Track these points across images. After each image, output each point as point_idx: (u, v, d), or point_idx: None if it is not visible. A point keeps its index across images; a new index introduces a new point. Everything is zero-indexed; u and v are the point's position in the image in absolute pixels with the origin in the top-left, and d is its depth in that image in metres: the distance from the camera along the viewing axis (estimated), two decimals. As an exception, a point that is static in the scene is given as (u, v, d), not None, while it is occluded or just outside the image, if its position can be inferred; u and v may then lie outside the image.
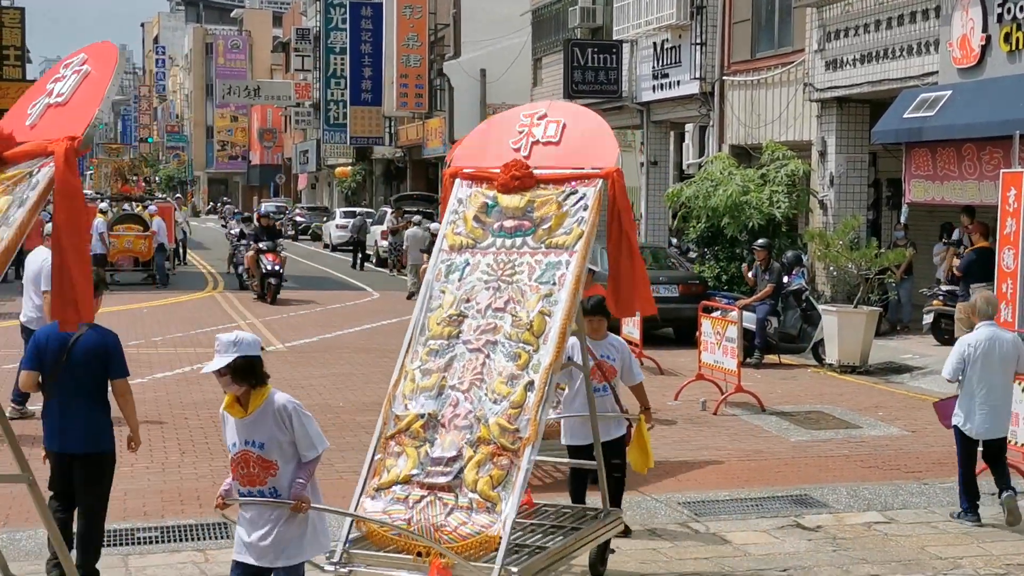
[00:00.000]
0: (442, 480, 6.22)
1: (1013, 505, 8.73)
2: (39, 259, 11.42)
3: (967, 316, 15.06)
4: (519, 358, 6.49)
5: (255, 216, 30.88)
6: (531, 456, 6.17)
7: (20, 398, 11.85)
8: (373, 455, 6.50)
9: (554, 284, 6.66)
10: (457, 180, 7.31)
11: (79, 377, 7.03)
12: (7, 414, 10.62)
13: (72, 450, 7.05)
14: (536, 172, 7.03)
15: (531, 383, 6.39)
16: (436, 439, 6.38)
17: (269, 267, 24.48)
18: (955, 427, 8.91)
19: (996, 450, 8.88)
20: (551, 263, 6.75)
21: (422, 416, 6.46)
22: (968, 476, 8.90)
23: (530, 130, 7.28)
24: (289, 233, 55.50)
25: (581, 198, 6.90)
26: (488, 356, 6.56)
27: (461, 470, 6.22)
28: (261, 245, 24.82)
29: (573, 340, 7.51)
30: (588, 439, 7.75)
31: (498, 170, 7.08)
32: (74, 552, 6.97)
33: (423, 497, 6.21)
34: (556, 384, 7.48)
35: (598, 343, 8.00)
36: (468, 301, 6.79)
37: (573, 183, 6.96)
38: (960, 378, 8.79)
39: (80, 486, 7.08)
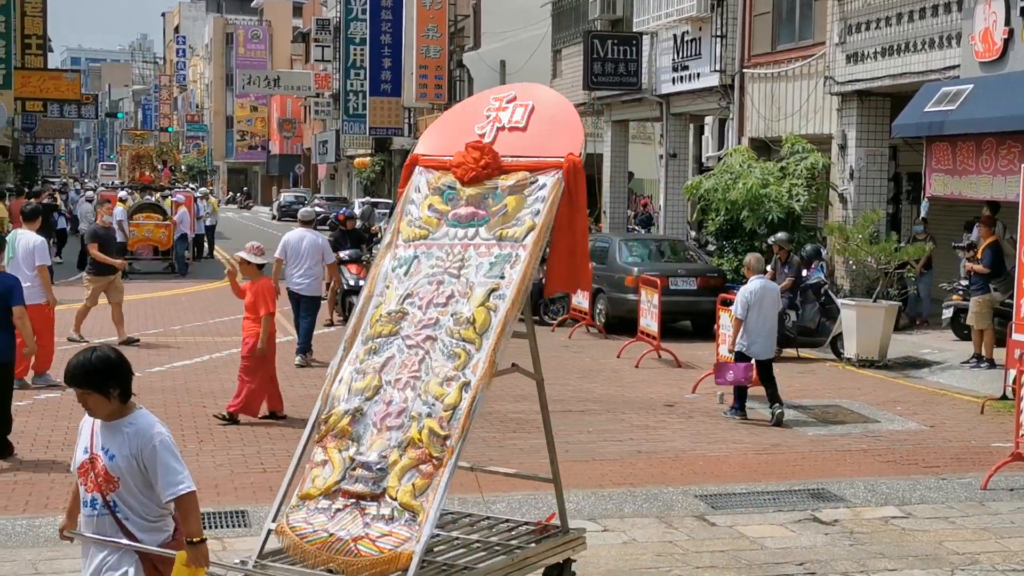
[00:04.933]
0: (366, 488, 5.91)
1: (780, 415, 12.16)
2: (297, 238, 15.04)
3: (983, 309, 15.12)
4: (458, 358, 6.13)
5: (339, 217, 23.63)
6: (454, 465, 5.86)
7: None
8: (298, 462, 6.24)
9: (502, 278, 6.31)
10: (417, 168, 6.95)
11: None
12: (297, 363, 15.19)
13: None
14: (502, 160, 6.69)
15: (467, 384, 6.03)
16: (364, 438, 6.09)
17: (352, 282, 19.12)
18: (738, 351, 12.31)
19: (767, 368, 12.32)
20: (501, 256, 6.40)
21: (348, 412, 6.16)
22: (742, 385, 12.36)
23: (497, 115, 6.90)
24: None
25: (540, 188, 6.56)
26: (428, 353, 6.22)
27: (385, 476, 5.91)
28: (343, 254, 19.60)
29: None
30: None
31: (458, 157, 6.74)
32: None
33: (346, 506, 5.92)
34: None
35: (106, 427, 5.00)
36: (411, 296, 6.45)
37: (535, 172, 6.62)
38: (744, 317, 12.21)
39: None
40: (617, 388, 14.25)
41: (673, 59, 26.54)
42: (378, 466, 5.93)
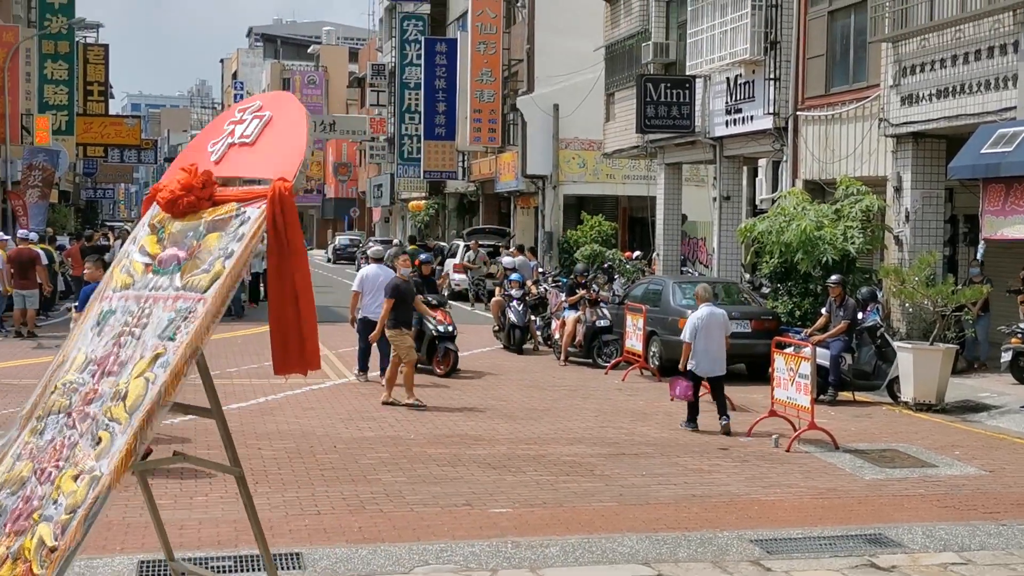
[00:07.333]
0: None
1: (727, 427, 13.80)
2: (373, 273, 17.68)
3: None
4: (101, 443, 4.92)
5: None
6: None
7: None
8: None
9: (172, 340, 5.09)
10: (156, 199, 5.71)
11: None
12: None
13: None
14: (219, 190, 5.50)
15: (97, 479, 4.78)
16: None
17: (441, 328, 19.14)
18: (689, 371, 13.90)
19: (717, 385, 13.99)
20: (181, 311, 5.16)
21: None
22: (695, 401, 14.01)
23: (234, 128, 5.73)
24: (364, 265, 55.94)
25: (243, 223, 5.30)
26: (81, 436, 5.05)
27: None
28: (431, 298, 19.42)
29: None
30: None
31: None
32: None
33: None
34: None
35: None
36: (92, 362, 5.30)
37: (244, 202, 5.39)
38: (692, 340, 13.80)
39: None
40: (671, 431, 14.20)
41: (726, 102, 26.57)
42: None
